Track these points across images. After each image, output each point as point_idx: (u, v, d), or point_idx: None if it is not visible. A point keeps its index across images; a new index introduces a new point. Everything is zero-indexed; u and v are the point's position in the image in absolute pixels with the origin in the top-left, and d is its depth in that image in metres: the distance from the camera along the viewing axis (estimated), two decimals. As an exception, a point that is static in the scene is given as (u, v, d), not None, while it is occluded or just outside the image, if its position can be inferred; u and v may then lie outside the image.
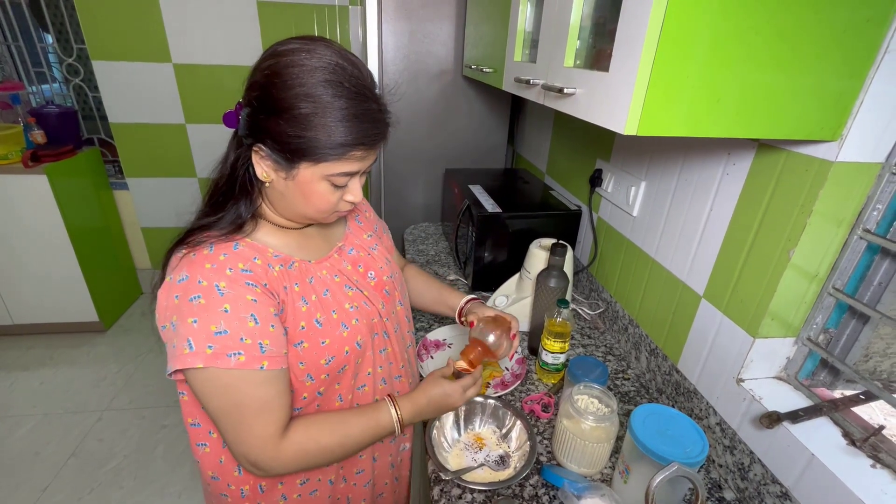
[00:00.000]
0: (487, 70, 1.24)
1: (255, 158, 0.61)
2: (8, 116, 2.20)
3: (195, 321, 0.56)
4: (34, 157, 2.07)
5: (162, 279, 0.63)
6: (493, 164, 1.95)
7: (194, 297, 0.57)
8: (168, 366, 0.59)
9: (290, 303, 0.64)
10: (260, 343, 0.58)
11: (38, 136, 2.16)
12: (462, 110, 1.84)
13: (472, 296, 0.96)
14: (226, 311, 0.57)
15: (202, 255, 0.60)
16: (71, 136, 2.30)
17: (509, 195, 1.40)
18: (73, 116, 2.32)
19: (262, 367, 0.58)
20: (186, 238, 0.62)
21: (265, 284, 0.61)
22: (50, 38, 2.33)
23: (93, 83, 2.38)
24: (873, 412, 0.69)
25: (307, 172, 0.60)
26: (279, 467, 0.63)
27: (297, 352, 0.64)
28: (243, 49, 2.31)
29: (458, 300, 0.95)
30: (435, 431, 0.82)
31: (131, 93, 2.33)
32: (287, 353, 0.63)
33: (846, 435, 0.66)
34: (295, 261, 0.67)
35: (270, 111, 0.57)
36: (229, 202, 0.64)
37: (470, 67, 1.47)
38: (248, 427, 0.60)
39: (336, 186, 0.62)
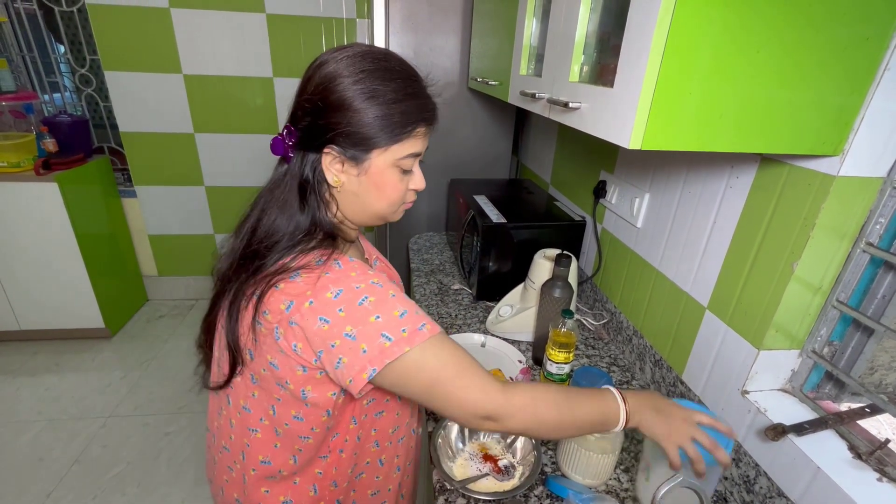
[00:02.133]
0: (493, 83, 1.26)
1: (325, 162, 0.62)
2: (21, 125, 2.24)
3: (378, 317, 0.57)
4: (46, 165, 2.10)
5: (254, 316, 0.60)
6: (498, 174, 1.97)
7: (363, 300, 0.57)
8: (364, 371, 0.56)
9: None
10: (426, 316, 0.61)
11: (50, 144, 2.19)
12: (467, 121, 1.86)
13: None
14: (393, 297, 0.59)
15: (337, 270, 0.59)
16: (82, 145, 2.33)
17: (514, 205, 1.41)
18: (84, 125, 2.36)
19: (440, 332, 0.60)
20: (282, 267, 0.59)
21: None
22: (62, 49, 2.38)
23: (104, 93, 2.43)
24: (881, 426, 0.69)
25: (379, 161, 0.61)
26: (511, 402, 0.58)
27: None
28: (252, 60, 2.35)
29: None
30: (440, 441, 0.82)
31: (142, 102, 2.37)
32: None
33: (852, 448, 0.66)
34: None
35: (333, 109, 0.59)
36: (310, 215, 0.63)
37: (476, 80, 1.49)
38: (466, 376, 0.58)
39: (404, 172, 0.64)
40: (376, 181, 0.62)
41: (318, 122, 0.60)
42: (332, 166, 0.62)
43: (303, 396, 0.62)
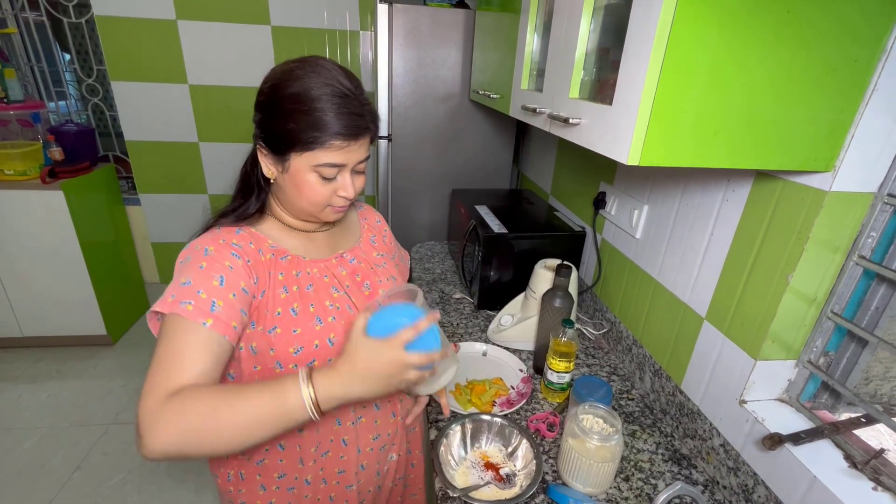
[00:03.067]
0: (495, 96, 1.29)
1: (259, 157, 0.70)
2: (28, 134, 2.27)
3: (176, 277, 0.63)
4: (52, 174, 2.13)
5: None
6: (498, 184, 1.99)
7: (186, 259, 0.65)
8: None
9: (271, 289, 0.69)
10: (213, 301, 0.60)
11: (56, 153, 2.22)
12: (468, 132, 1.89)
13: None
14: (200, 268, 0.63)
15: (210, 232, 0.69)
16: (88, 154, 2.36)
17: (515, 216, 1.43)
18: (90, 134, 2.39)
19: (204, 324, 0.59)
20: (203, 232, 0.71)
21: (248, 262, 0.67)
22: (67, 57, 2.42)
23: (108, 101, 2.47)
24: (881, 436, 0.70)
25: (296, 163, 0.67)
26: (156, 433, 0.51)
27: (270, 337, 0.68)
28: (257, 71, 2.35)
29: None
30: (442, 449, 0.83)
31: (147, 112, 2.41)
32: (237, 327, 0.62)
33: (848, 457, 0.67)
34: (289, 254, 0.73)
35: (267, 111, 0.67)
36: (243, 198, 0.74)
37: (477, 92, 1.52)
38: (152, 378, 0.55)
39: (324, 178, 0.68)
40: (295, 181, 0.68)
41: (257, 119, 0.69)
42: (265, 161, 0.70)
43: None
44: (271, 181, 0.72)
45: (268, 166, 0.70)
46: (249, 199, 0.74)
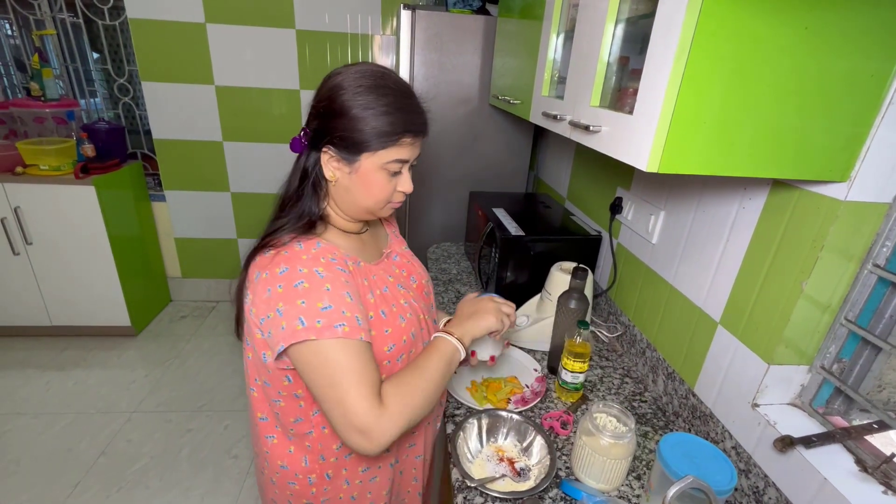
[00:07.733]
0: (515, 101, 1.32)
1: (323, 160, 0.72)
2: (62, 131, 2.36)
3: (303, 302, 0.64)
4: (84, 170, 2.22)
5: (243, 281, 0.73)
6: (515, 187, 2.02)
7: (299, 283, 0.65)
8: (278, 345, 0.64)
9: (363, 295, 0.72)
10: (357, 317, 0.66)
11: (89, 149, 2.31)
12: (486, 136, 1.92)
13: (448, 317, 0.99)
14: (328, 290, 0.65)
15: (294, 250, 0.69)
16: (118, 151, 2.45)
17: (531, 219, 1.46)
18: (120, 132, 2.49)
19: (361, 338, 0.65)
20: (266, 242, 0.72)
21: (349, 273, 0.71)
22: (96, 56, 2.51)
23: (136, 100, 2.56)
24: (890, 441, 0.71)
25: (368, 163, 0.70)
26: (389, 424, 0.63)
27: None
28: (281, 73, 2.46)
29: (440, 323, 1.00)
30: (459, 441, 0.86)
31: (175, 111, 2.49)
32: (372, 334, 0.70)
33: (859, 462, 0.68)
34: (360, 261, 0.76)
35: (334, 116, 0.69)
36: (299, 202, 0.74)
37: (497, 97, 1.55)
38: (354, 393, 0.62)
39: (391, 175, 0.72)
40: (365, 180, 0.71)
41: (322, 125, 0.70)
42: (330, 164, 0.72)
43: (264, 360, 0.70)
44: (332, 183, 0.73)
45: (332, 170, 0.72)
46: (308, 202, 0.73)
